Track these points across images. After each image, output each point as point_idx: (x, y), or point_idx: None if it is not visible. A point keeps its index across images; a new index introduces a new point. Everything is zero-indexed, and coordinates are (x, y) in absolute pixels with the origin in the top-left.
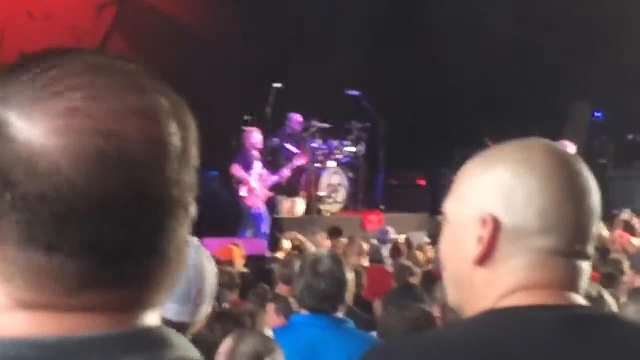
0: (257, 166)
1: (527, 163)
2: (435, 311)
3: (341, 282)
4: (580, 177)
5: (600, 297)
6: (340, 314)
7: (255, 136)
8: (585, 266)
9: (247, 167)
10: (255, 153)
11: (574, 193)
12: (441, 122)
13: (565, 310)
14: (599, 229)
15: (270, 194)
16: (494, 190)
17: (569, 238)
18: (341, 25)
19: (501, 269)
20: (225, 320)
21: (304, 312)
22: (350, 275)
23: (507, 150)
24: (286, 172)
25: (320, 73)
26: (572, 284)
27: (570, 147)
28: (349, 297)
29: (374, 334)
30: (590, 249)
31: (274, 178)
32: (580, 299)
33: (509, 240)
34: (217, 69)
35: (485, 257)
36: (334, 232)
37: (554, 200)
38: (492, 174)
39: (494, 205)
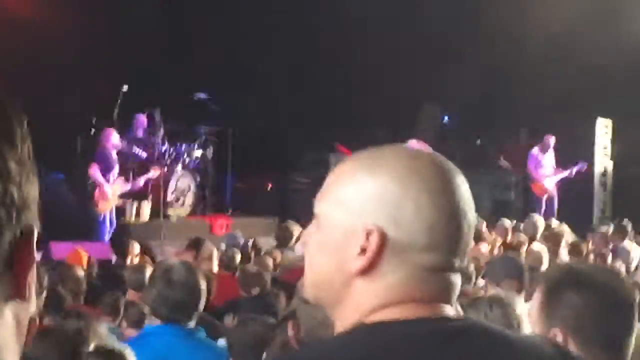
0: (116, 170)
1: (415, 175)
2: (289, 327)
3: (195, 292)
4: (464, 191)
5: None
6: (192, 324)
7: (115, 136)
8: (458, 279)
9: (108, 169)
10: (115, 155)
11: (460, 209)
12: (289, 126)
13: (440, 323)
14: None
15: (120, 202)
16: (381, 201)
17: (450, 253)
18: (191, 27)
19: (381, 281)
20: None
21: (157, 321)
22: (203, 285)
23: (392, 157)
24: (140, 183)
25: (169, 75)
26: (446, 297)
27: (421, 146)
28: (202, 305)
29: (222, 342)
30: (465, 262)
31: (127, 186)
32: (452, 311)
33: (393, 254)
34: (64, 70)
35: (367, 270)
36: (194, 245)
37: (442, 216)
38: (377, 182)
39: (381, 217)
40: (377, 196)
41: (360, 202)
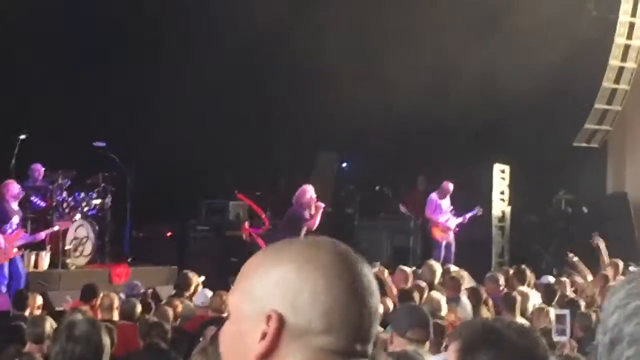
0: (15, 220)
1: (313, 262)
2: None
3: (97, 346)
4: (364, 277)
5: None
6: None
7: (15, 187)
8: None
9: (4, 220)
10: (14, 206)
11: (359, 294)
12: (187, 174)
13: None
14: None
15: (19, 252)
16: (279, 287)
17: (351, 338)
18: (89, 74)
19: None
20: None
21: None
22: (107, 340)
23: (295, 247)
24: (42, 236)
25: (67, 123)
26: None
27: (310, 192)
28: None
29: None
30: (370, 348)
31: (27, 238)
32: None
33: (292, 338)
34: None
35: (267, 354)
36: (89, 293)
37: (338, 301)
38: (278, 270)
39: (279, 302)
40: (276, 283)
41: (263, 290)
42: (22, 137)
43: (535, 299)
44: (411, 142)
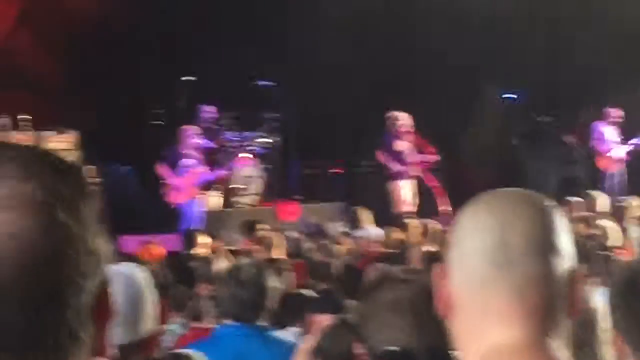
0: (187, 162)
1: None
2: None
3: (263, 290)
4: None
5: None
6: (263, 322)
7: (194, 134)
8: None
9: (179, 163)
10: (188, 150)
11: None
12: (351, 110)
13: None
14: None
15: (197, 191)
16: None
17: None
18: (252, 14)
19: None
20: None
21: (227, 321)
22: (272, 283)
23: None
24: (218, 174)
25: (232, 64)
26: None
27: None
28: (272, 304)
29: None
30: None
31: (207, 175)
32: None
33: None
34: (126, 64)
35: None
36: (248, 227)
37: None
38: None
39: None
40: None
41: None
42: (187, 78)
43: None
44: (574, 69)
